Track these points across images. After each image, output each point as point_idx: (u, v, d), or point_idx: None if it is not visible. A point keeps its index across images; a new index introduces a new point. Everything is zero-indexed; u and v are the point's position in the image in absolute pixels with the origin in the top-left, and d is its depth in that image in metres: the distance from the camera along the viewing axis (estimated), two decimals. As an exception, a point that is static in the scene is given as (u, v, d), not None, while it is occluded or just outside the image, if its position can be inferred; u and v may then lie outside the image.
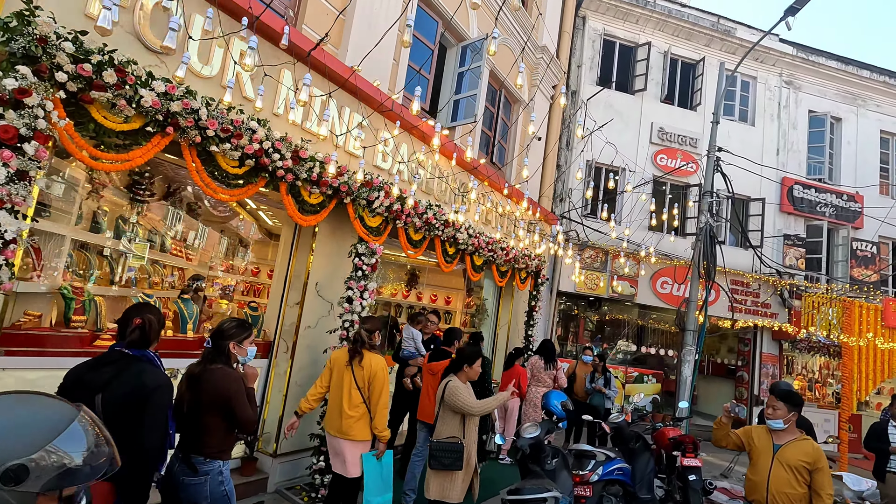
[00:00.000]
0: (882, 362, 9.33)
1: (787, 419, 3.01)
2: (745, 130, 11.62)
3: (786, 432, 3.03)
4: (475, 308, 9.16)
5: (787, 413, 3.01)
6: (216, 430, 2.45)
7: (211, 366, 2.48)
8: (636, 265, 10.17)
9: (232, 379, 2.47)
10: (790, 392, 3.06)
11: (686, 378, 8.21)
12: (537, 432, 4.41)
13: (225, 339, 2.55)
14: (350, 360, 3.59)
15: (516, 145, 9.11)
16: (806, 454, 2.92)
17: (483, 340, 6.82)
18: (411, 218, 5.24)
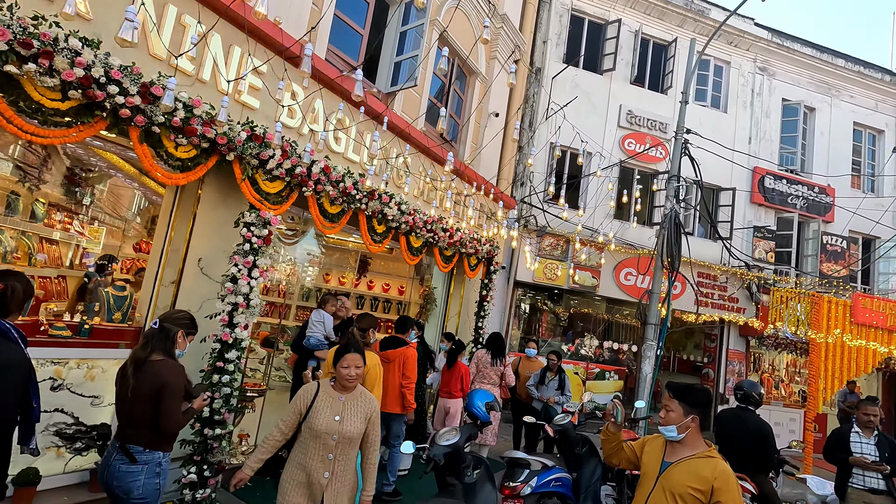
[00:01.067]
0: (849, 360, 8.92)
1: (683, 426, 2.23)
2: (717, 117, 11.11)
3: (683, 445, 2.25)
4: (423, 297, 8.43)
5: (682, 417, 2.23)
6: (156, 420, 2.39)
7: (154, 354, 2.45)
8: (598, 254, 9.56)
9: (172, 370, 2.44)
10: (688, 389, 2.30)
11: (646, 375, 7.63)
12: (455, 439, 3.71)
13: (176, 326, 2.58)
14: None
15: (471, 121, 8.38)
16: (699, 479, 2.10)
17: (421, 329, 6.10)
18: (323, 186, 4.46)
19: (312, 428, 2.55)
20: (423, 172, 6.16)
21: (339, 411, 2.60)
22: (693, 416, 2.23)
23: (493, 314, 9.11)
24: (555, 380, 6.19)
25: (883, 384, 11.84)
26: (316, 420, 2.55)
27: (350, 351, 2.68)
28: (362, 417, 2.65)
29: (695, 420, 2.23)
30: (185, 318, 2.67)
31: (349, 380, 2.64)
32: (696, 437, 2.24)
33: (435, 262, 6.81)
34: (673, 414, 2.25)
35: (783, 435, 10.86)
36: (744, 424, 4.77)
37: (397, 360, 4.69)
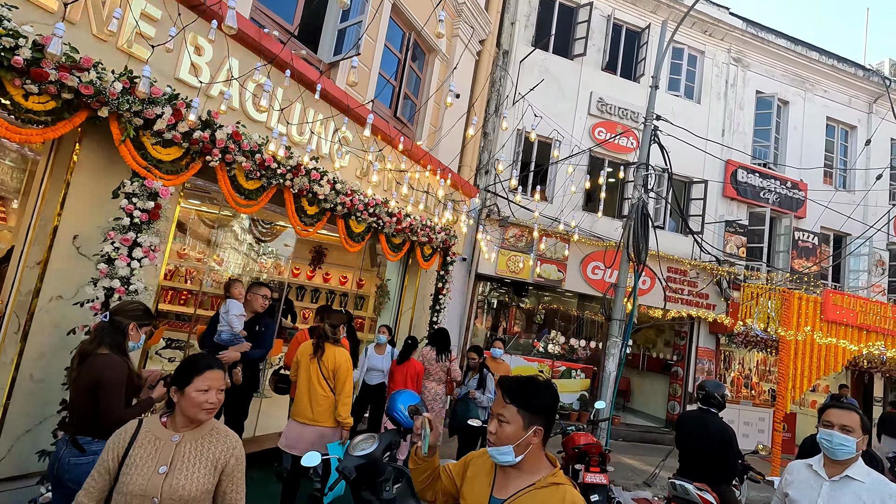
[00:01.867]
0: (819, 358, 8.65)
1: (523, 443, 1.52)
2: (690, 107, 10.77)
3: (520, 470, 1.56)
4: (376, 290, 7.88)
5: (521, 430, 1.52)
6: (97, 412, 2.37)
7: (101, 348, 2.43)
8: (564, 247, 9.12)
9: (110, 366, 2.39)
10: (530, 387, 1.57)
11: (610, 374, 7.21)
12: (371, 448, 3.19)
13: (128, 318, 2.53)
14: (314, 353, 3.86)
15: (430, 103, 7.84)
16: None
17: (351, 320, 5.57)
18: (233, 156, 3.87)
19: (125, 492, 1.70)
20: (367, 151, 5.59)
21: (168, 459, 1.75)
22: (536, 429, 1.52)
23: (453, 309, 8.60)
24: (474, 378, 5.51)
25: (852, 383, 11.69)
26: (130, 479, 1.71)
27: (211, 366, 1.87)
28: (209, 467, 1.79)
29: (538, 433, 1.53)
30: (137, 309, 2.63)
31: (202, 410, 1.82)
32: (538, 456, 1.56)
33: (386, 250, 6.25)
34: (508, 427, 1.51)
35: (752, 435, 10.61)
36: (706, 428, 4.36)
37: None
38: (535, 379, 1.62)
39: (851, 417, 2.29)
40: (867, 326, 8.92)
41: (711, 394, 4.41)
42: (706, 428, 4.36)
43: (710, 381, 4.59)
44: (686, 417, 4.67)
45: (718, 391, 4.48)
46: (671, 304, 9.67)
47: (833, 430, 2.29)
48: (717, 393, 4.45)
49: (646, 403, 11.37)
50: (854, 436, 2.25)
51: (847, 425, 2.26)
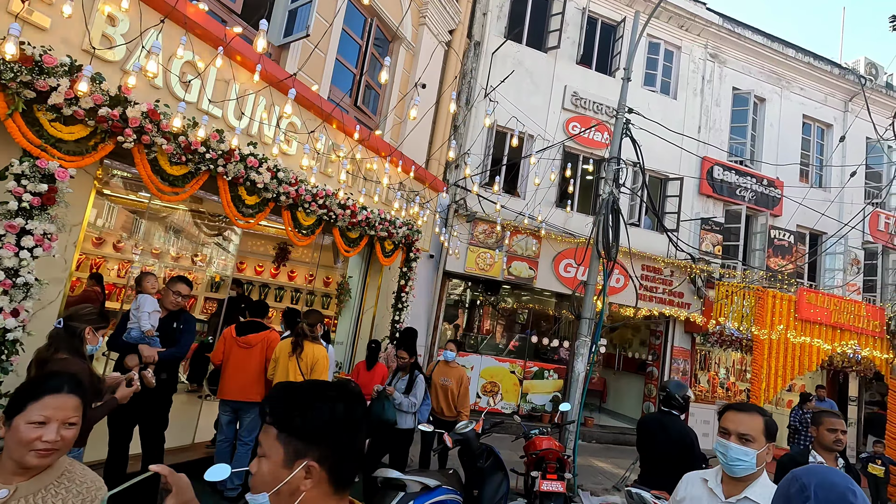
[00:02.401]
0: (793, 358, 8.52)
1: (285, 489, 0.93)
2: (666, 103, 10.59)
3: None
4: (337, 287, 7.54)
5: (282, 467, 0.93)
6: None
7: (59, 353, 2.41)
8: (536, 244, 8.87)
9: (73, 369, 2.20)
10: (300, 400, 0.99)
11: (578, 374, 6.96)
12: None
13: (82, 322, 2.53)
14: (293, 350, 4.10)
15: (394, 93, 7.52)
16: None
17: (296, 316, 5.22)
18: (151, 137, 3.52)
19: None
20: (316, 139, 5.25)
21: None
22: (307, 464, 0.93)
23: (419, 308, 8.29)
24: (402, 380, 4.84)
25: (827, 383, 11.61)
26: None
27: (58, 389, 1.39)
28: None
29: (311, 471, 0.93)
30: (91, 313, 2.62)
31: (31, 451, 1.32)
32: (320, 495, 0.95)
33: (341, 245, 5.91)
34: (265, 463, 0.95)
35: (728, 435, 10.45)
36: (666, 431, 4.11)
37: (259, 345, 4.42)
38: (312, 384, 1.04)
39: (752, 423, 1.83)
40: (841, 325, 8.81)
41: (672, 395, 4.16)
42: (666, 431, 4.11)
43: (673, 381, 4.34)
44: (646, 420, 4.42)
45: (680, 392, 4.22)
46: (645, 303, 9.47)
47: (730, 439, 1.83)
48: (679, 394, 4.19)
49: (621, 404, 11.17)
50: (754, 446, 1.79)
51: (746, 433, 1.80)
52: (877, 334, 9.03)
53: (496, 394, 9.01)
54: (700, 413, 10.31)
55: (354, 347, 7.16)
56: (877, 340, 9.04)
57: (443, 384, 5.42)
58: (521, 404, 9.18)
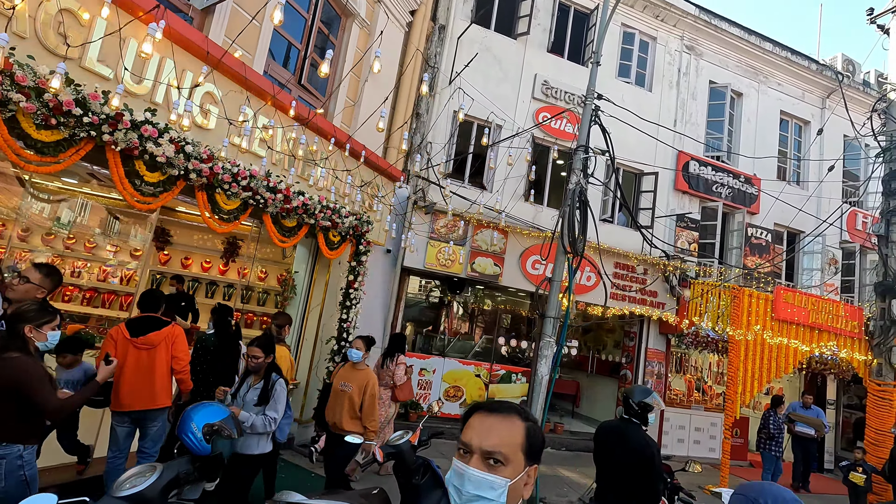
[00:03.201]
0: (770, 359, 8.11)
1: None
2: (641, 95, 10.19)
3: None
4: (281, 283, 6.94)
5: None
6: (9, 415, 2.46)
7: (5, 353, 2.45)
8: (502, 239, 8.35)
9: (23, 368, 2.44)
10: None
11: (542, 378, 6.44)
12: (150, 481, 2.31)
13: (21, 322, 2.52)
14: None
15: (347, 74, 6.95)
16: None
17: (229, 314, 4.63)
18: (4, 91, 2.91)
19: None
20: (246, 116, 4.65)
21: None
22: None
23: (375, 307, 7.71)
24: (256, 388, 3.63)
25: (805, 386, 11.30)
26: None
27: None
28: None
29: None
30: (29, 310, 2.58)
31: None
32: None
33: (273, 234, 5.30)
34: None
35: (704, 441, 10.05)
36: (624, 442, 3.60)
37: (163, 344, 3.88)
38: None
39: (507, 431, 1.11)
40: (819, 325, 8.44)
41: (630, 401, 3.66)
42: (625, 441, 3.60)
43: (638, 386, 3.83)
44: (604, 429, 3.89)
45: (640, 398, 3.71)
46: (618, 302, 9.01)
47: (469, 462, 1.09)
48: (639, 400, 3.69)
49: (595, 409, 10.69)
50: (503, 472, 1.07)
51: (494, 450, 1.08)
52: (855, 335, 8.67)
53: (460, 398, 8.45)
54: (675, 418, 9.89)
55: (299, 349, 6.56)
56: (855, 341, 8.68)
57: (341, 390, 4.24)
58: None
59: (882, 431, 8.18)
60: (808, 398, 8.39)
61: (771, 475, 7.59)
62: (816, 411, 8.23)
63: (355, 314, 6.38)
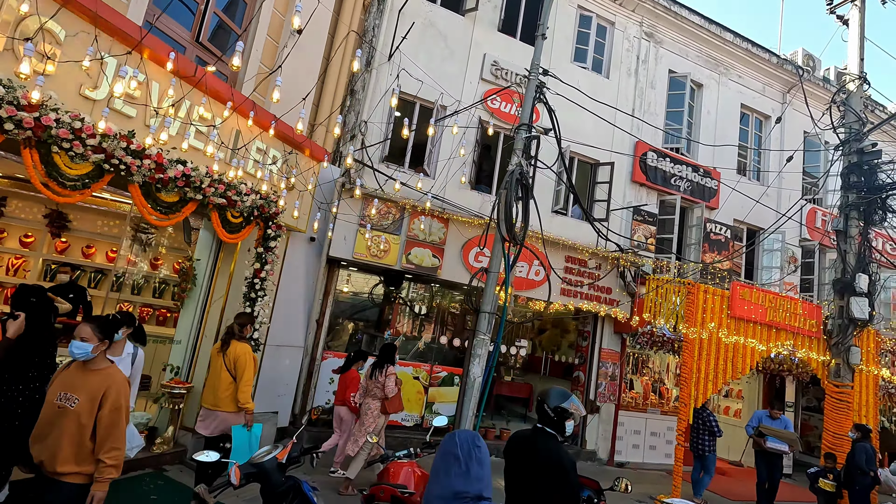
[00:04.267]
0: (726, 360, 7.62)
1: None
2: (597, 82, 9.67)
3: None
4: (178, 273, 6.09)
5: None
6: None
7: None
8: (442, 228, 7.65)
9: None
10: None
11: (474, 380, 5.75)
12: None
13: None
14: (221, 348, 4.59)
15: (261, 39, 6.16)
16: None
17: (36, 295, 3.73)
18: None
19: None
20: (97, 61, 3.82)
21: None
22: None
23: (297, 300, 6.91)
24: None
25: (764, 387, 10.95)
26: None
27: None
28: None
29: None
30: None
31: None
32: None
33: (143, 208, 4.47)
34: None
35: (660, 447, 9.55)
36: (534, 455, 2.93)
37: None
38: None
39: None
40: (777, 324, 8.01)
41: (545, 406, 2.99)
42: (534, 455, 2.92)
43: (554, 388, 3.14)
44: (515, 439, 3.19)
45: (558, 403, 3.04)
46: (568, 298, 8.42)
47: None
48: (555, 406, 3.02)
49: (548, 413, 10.07)
50: None
51: None
52: (813, 334, 8.29)
53: (396, 403, 7.69)
54: (630, 423, 9.36)
55: (197, 347, 5.72)
56: (813, 341, 8.30)
57: (59, 405, 2.57)
58: (427, 416, 7.91)
59: (839, 435, 7.78)
60: (776, 413, 7.46)
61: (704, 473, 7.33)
62: (785, 422, 7.42)
63: (262, 308, 5.58)
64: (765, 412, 7.61)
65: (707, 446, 7.23)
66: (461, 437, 1.79)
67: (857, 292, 8.11)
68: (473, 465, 1.69)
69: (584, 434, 8.86)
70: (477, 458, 1.68)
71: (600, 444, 8.93)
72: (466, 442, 1.76)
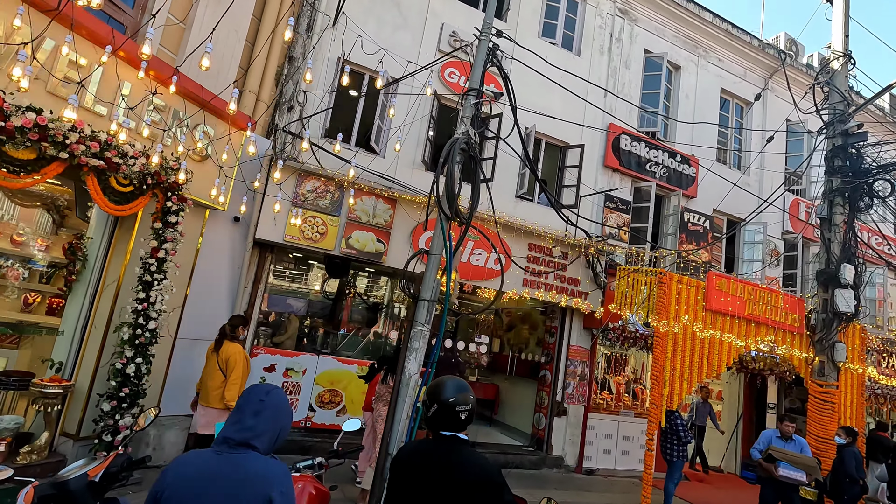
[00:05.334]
0: (701, 356, 6.94)
1: None
2: (567, 59, 8.99)
3: None
4: (66, 252, 5.24)
5: None
6: None
7: None
8: (389, 210, 6.89)
9: None
10: None
11: (409, 378, 4.98)
12: None
13: None
14: (215, 348, 4.81)
15: (173, -16, 5.37)
16: None
17: None
18: None
19: None
20: None
21: None
22: None
23: (220, 288, 6.11)
24: None
25: (744, 388, 10.32)
26: None
27: None
28: None
29: None
30: None
31: None
32: None
33: None
34: None
35: (633, 452, 8.84)
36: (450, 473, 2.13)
37: None
38: None
39: None
40: (756, 318, 7.35)
41: (456, 403, 2.23)
42: (449, 472, 2.13)
43: (450, 379, 2.37)
44: (412, 453, 2.38)
45: (455, 394, 2.28)
46: (532, 290, 7.70)
47: None
48: (461, 398, 2.26)
49: (515, 416, 9.35)
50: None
51: None
52: (796, 329, 7.65)
53: (338, 405, 6.92)
54: (601, 426, 8.64)
55: (85, 339, 4.89)
56: (795, 336, 7.67)
57: None
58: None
59: (824, 439, 7.13)
60: (789, 426, 6.04)
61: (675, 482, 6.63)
62: (800, 444, 6.04)
63: (160, 293, 4.76)
64: (774, 432, 6.22)
65: (675, 452, 6.54)
66: (251, 390, 1.71)
67: (843, 284, 7.49)
68: (248, 416, 1.64)
69: (550, 438, 8.12)
70: (254, 410, 1.63)
71: (568, 450, 8.20)
72: (254, 394, 1.69)
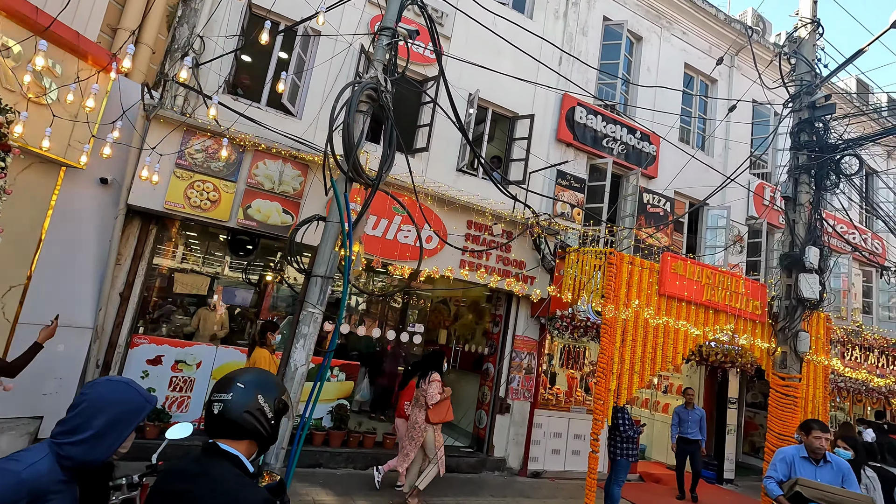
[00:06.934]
0: (654, 346, 6.22)
1: None
2: (517, 21, 8.15)
3: None
4: None
5: None
6: None
7: None
8: (299, 176, 5.94)
9: None
10: None
11: (295, 370, 4.13)
12: None
13: None
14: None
15: None
16: None
17: None
18: None
19: None
20: None
21: None
22: None
23: (82, 265, 5.07)
24: None
25: (705, 381, 9.73)
26: None
27: None
28: None
29: None
30: None
31: None
32: None
33: None
34: None
35: (585, 452, 8.09)
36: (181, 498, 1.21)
37: None
38: None
39: None
40: (715, 304, 6.68)
41: (234, 409, 1.32)
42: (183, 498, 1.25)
43: (248, 371, 1.47)
44: (166, 473, 1.46)
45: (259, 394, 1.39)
46: (469, 271, 6.86)
47: None
48: (219, 387, 1.37)
49: (456, 413, 8.48)
50: None
51: None
52: (757, 318, 7.02)
53: (241, 404, 5.97)
54: (549, 423, 7.89)
55: None
56: (757, 325, 7.04)
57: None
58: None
59: (785, 436, 6.50)
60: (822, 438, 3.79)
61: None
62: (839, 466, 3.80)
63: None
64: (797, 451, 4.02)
65: (619, 450, 5.85)
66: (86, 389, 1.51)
67: (807, 268, 6.86)
68: (73, 413, 1.47)
69: (491, 438, 7.32)
70: (74, 403, 1.47)
71: (511, 451, 7.41)
72: (85, 386, 1.52)
